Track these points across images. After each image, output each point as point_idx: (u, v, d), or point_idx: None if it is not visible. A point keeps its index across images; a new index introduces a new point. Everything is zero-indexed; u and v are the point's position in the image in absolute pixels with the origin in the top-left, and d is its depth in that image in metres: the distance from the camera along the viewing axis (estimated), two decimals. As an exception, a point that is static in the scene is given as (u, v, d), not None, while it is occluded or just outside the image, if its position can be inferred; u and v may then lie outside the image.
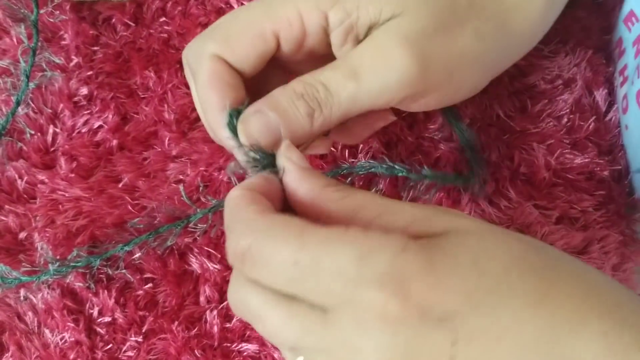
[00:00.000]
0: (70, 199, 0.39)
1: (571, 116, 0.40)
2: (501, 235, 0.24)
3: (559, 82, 0.41)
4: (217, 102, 0.28)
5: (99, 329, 0.38)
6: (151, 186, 0.40)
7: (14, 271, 0.38)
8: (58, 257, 0.38)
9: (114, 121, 0.41)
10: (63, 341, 0.37)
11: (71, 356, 0.37)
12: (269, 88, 0.29)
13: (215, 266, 0.38)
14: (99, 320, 0.38)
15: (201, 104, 0.30)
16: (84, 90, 0.42)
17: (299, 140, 0.28)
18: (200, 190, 0.39)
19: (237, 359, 0.37)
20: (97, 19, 0.43)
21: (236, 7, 0.42)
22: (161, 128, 0.41)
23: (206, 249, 0.38)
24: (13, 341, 0.37)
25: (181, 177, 0.40)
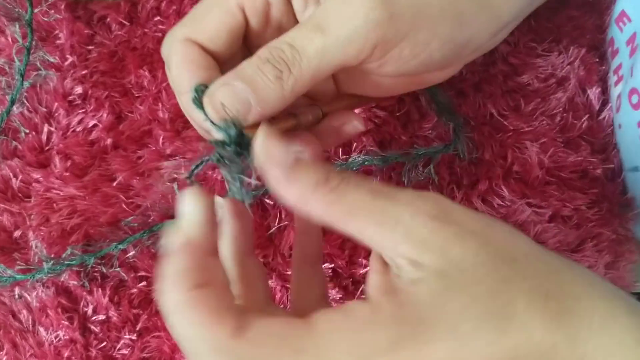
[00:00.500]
0: (64, 197, 0.40)
1: (564, 115, 0.40)
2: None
3: (553, 80, 0.41)
4: (188, 82, 0.28)
5: (93, 327, 0.38)
6: (145, 185, 0.40)
7: (8, 269, 0.38)
8: (52, 255, 0.38)
9: (108, 120, 0.41)
10: (57, 339, 0.37)
11: (65, 354, 0.37)
12: None
13: (209, 264, 0.38)
14: (94, 318, 0.38)
15: (174, 87, 0.30)
16: (78, 89, 0.42)
17: (273, 108, 0.27)
18: (194, 188, 0.39)
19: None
20: (92, 18, 0.43)
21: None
22: (155, 127, 0.41)
23: (200, 247, 0.38)
24: (8, 339, 0.37)
25: (175, 175, 0.40)
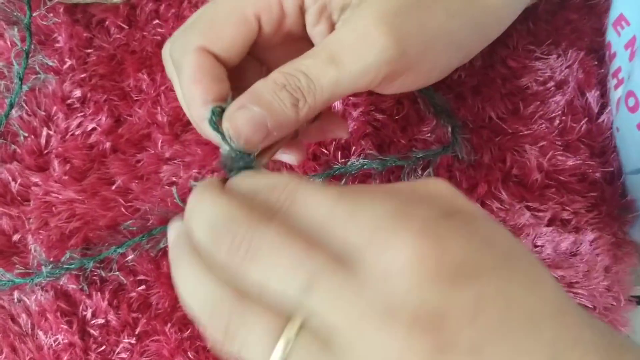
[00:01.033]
0: (63, 201, 0.40)
1: (563, 118, 0.40)
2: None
3: (551, 84, 0.41)
4: (201, 96, 0.28)
5: (92, 331, 0.38)
6: (144, 188, 0.40)
7: (7, 273, 0.38)
8: (51, 259, 0.38)
9: (107, 123, 0.41)
10: (57, 343, 0.37)
11: (65, 358, 0.37)
12: (246, 79, 0.29)
13: (208, 268, 0.38)
14: (93, 322, 0.38)
15: (185, 99, 0.30)
16: (77, 93, 0.42)
17: (286, 130, 0.28)
18: (193, 192, 0.39)
19: (229, 360, 0.37)
20: (91, 22, 0.43)
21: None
22: (154, 130, 0.41)
23: (199, 251, 0.39)
24: (7, 343, 0.37)
25: (174, 179, 0.40)
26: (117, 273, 0.38)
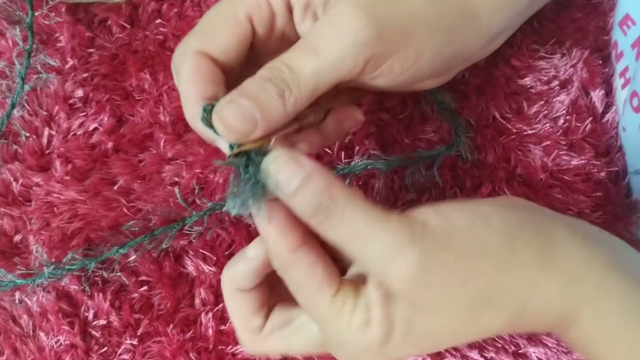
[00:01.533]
0: (65, 201, 0.39)
1: (568, 117, 0.40)
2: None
3: (555, 83, 0.40)
4: (195, 95, 0.30)
5: (94, 332, 0.37)
6: (146, 188, 0.40)
7: (9, 274, 0.38)
8: (53, 260, 0.38)
9: (109, 123, 0.41)
10: (58, 344, 0.37)
11: (66, 359, 0.37)
12: None
13: (210, 269, 0.38)
14: (94, 323, 0.38)
15: (182, 99, 0.31)
16: (79, 93, 0.41)
17: (276, 123, 0.29)
18: (196, 192, 0.39)
19: (232, 361, 0.37)
20: (93, 21, 0.43)
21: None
22: (156, 130, 0.41)
23: (201, 251, 0.38)
24: (8, 344, 0.37)
25: (176, 179, 0.40)
26: (119, 274, 0.38)
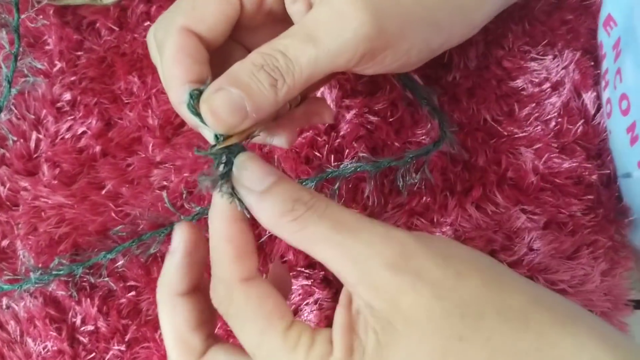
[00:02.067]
0: (53, 206, 0.39)
1: (559, 120, 0.40)
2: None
3: (547, 85, 0.40)
4: (180, 77, 0.28)
5: (81, 338, 0.37)
6: (135, 193, 0.39)
7: (-5, 279, 0.37)
8: (40, 265, 0.38)
9: (97, 127, 0.40)
10: (45, 350, 0.37)
11: (54, 365, 0.36)
12: (230, 64, 0.29)
13: (199, 273, 0.38)
14: (82, 328, 0.37)
15: (165, 79, 0.29)
16: (67, 96, 0.41)
17: (265, 114, 0.27)
18: (184, 197, 0.39)
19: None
20: (81, 24, 0.43)
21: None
22: (145, 134, 0.40)
23: (190, 256, 0.38)
24: (-5, 350, 0.37)
25: (165, 183, 0.39)
26: (106, 279, 0.38)
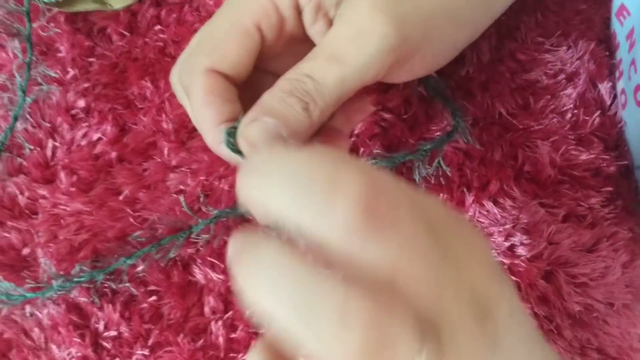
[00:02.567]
0: (71, 213, 0.39)
1: (575, 111, 0.39)
2: None
3: (562, 76, 0.40)
4: (213, 119, 0.28)
5: (105, 344, 0.37)
6: (152, 197, 0.39)
7: (18, 288, 0.38)
8: (62, 272, 0.38)
9: (112, 133, 0.41)
10: (70, 356, 0.37)
11: (78, 371, 0.37)
12: (260, 93, 0.28)
13: (219, 276, 0.38)
14: (105, 334, 0.38)
15: (198, 123, 0.29)
16: (81, 103, 0.41)
17: (303, 135, 0.27)
18: (201, 200, 0.39)
19: (244, 369, 0.37)
20: (92, 30, 0.43)
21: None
22: (160, 138, 0.40)
23: (209, 259, 0.38)
24: (20, 358, 0.37)
25: (182, 187, 0.39)
26: (127, 284, 0.38)
